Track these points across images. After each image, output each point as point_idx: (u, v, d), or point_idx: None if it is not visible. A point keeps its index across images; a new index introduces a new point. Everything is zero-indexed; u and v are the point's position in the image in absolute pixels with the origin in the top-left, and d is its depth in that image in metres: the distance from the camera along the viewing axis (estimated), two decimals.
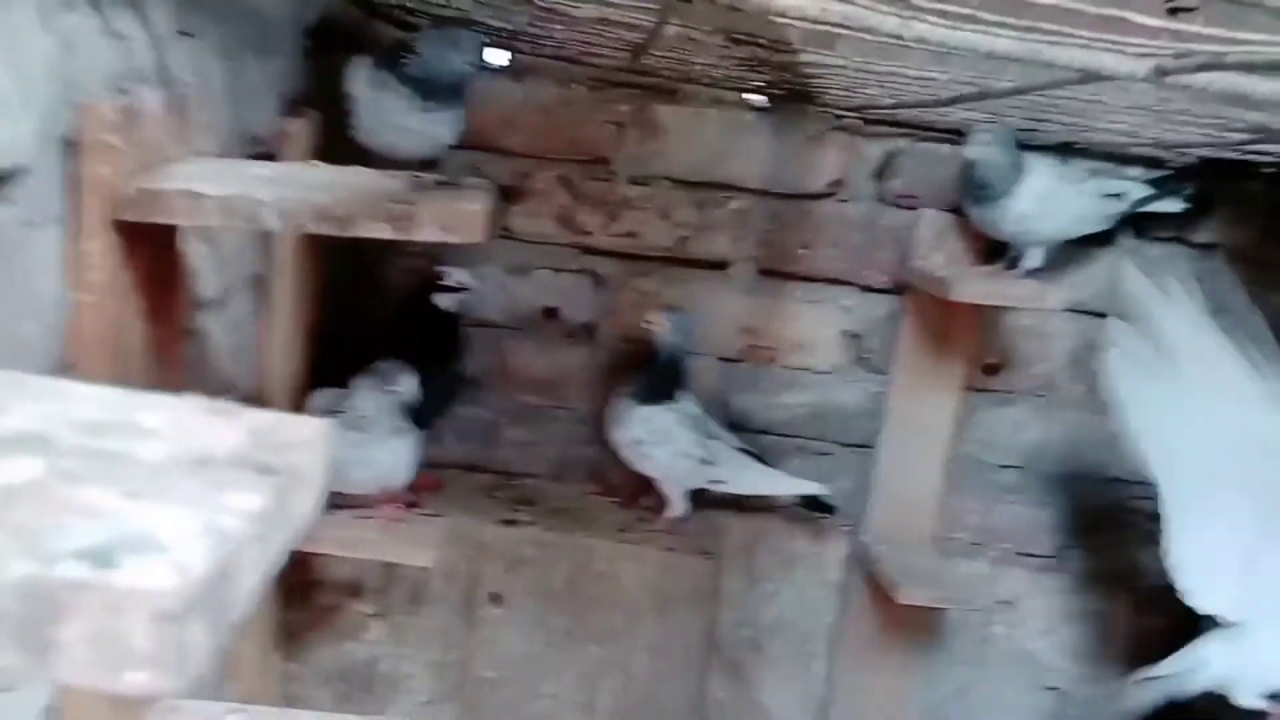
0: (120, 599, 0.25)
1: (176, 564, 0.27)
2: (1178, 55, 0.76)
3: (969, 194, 1.51)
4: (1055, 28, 0.75)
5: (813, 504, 1.63)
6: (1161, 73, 0.76)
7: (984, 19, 0.76)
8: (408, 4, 1.38)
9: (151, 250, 0.80)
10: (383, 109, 1.18)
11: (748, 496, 1.63)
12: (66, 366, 0.73)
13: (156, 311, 0.82)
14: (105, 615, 0.25)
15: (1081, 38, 0.78)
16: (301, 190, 0.80)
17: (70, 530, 0.27)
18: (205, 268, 1.01)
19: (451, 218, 0.80)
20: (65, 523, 0.28)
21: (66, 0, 0.72)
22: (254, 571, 0.32)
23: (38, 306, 0.70)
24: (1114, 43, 0.78)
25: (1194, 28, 0.77)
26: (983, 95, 1.25)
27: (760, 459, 1.60)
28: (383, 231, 0.79)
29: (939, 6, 0.75)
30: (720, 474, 1.57)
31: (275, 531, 0.34)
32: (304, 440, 0.40)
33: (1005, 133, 1.45)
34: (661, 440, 1.53)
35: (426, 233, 0.80)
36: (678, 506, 1.57)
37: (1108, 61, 0.78)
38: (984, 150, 1.43)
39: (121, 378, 0.63)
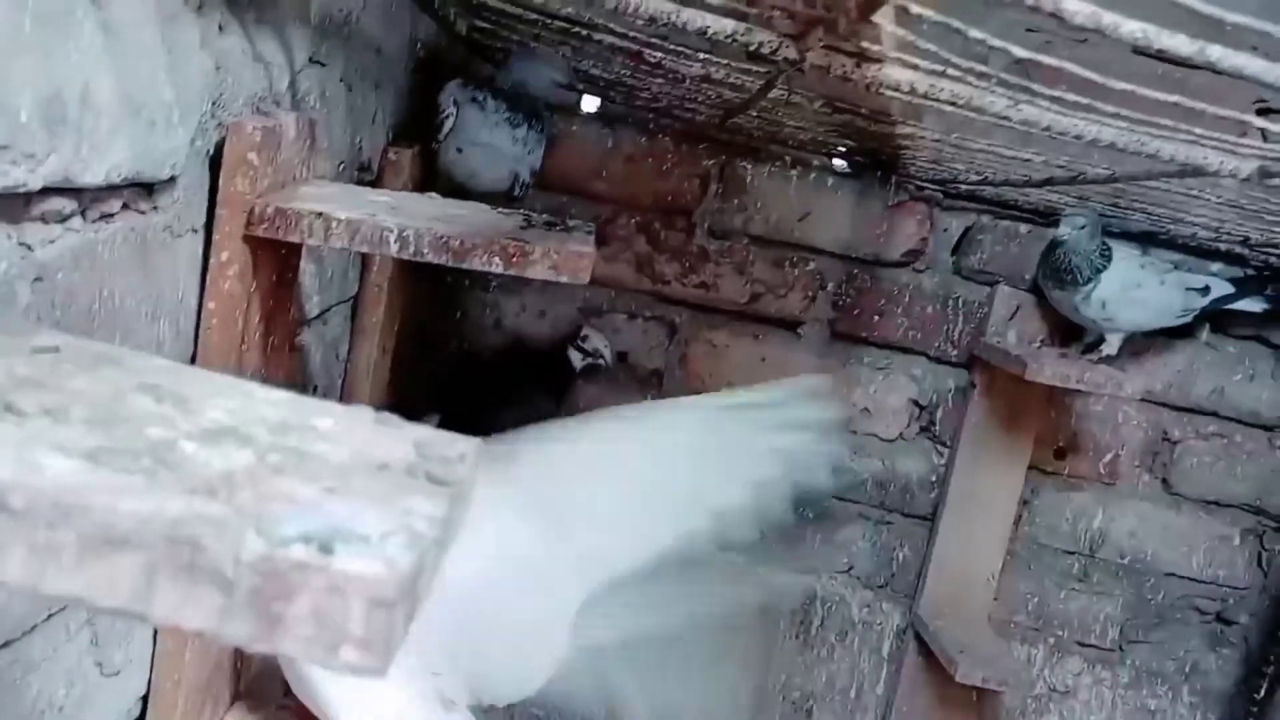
0: (343, 582, 0.27)
1: (384, 556, 0.29)
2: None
3: (1052, 276, 1.51)
4: (1172, 124, 0.76)
5: None
6: (1266, 174, 0.77)
7: (1100, 109, 0.77)
8: (510, 42, 1.43)
9: (274, 266, 0.84)
10: (470, 125, 1.21)
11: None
12: None
13: (272, 324, 0.85)
14: (328, 596, 0.27)
15: (1191, 134, 0.78)
16: (421, 220, 0.83)
17: (288, 517, 0.29)
18: (311, 287, 1.05)
19: (562, 258, 0.83)
20: (281, 510, 0.30)
21: (224, 22, 0.77)
22: (433, 571, 0.34)
23: (173, 310, 0.74)
24: (1221, 141, 0.79)
25: None
26: (1075, 179, 1.26)
27: None
28: (496, 266, 0.82)
29: (1055, 93, 0.76)
30: None
31: (449, 537, 0.36)
32: (462, 454, 0.42)
33: (1094, 218, 1.46)
34: None
35: (538, 270, 0.82)
36: None
37: (1212, 158, 0.78)
38: (1073, 234, 1.44)
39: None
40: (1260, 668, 1.61)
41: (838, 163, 1.66)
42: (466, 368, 1.52)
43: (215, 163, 0.77)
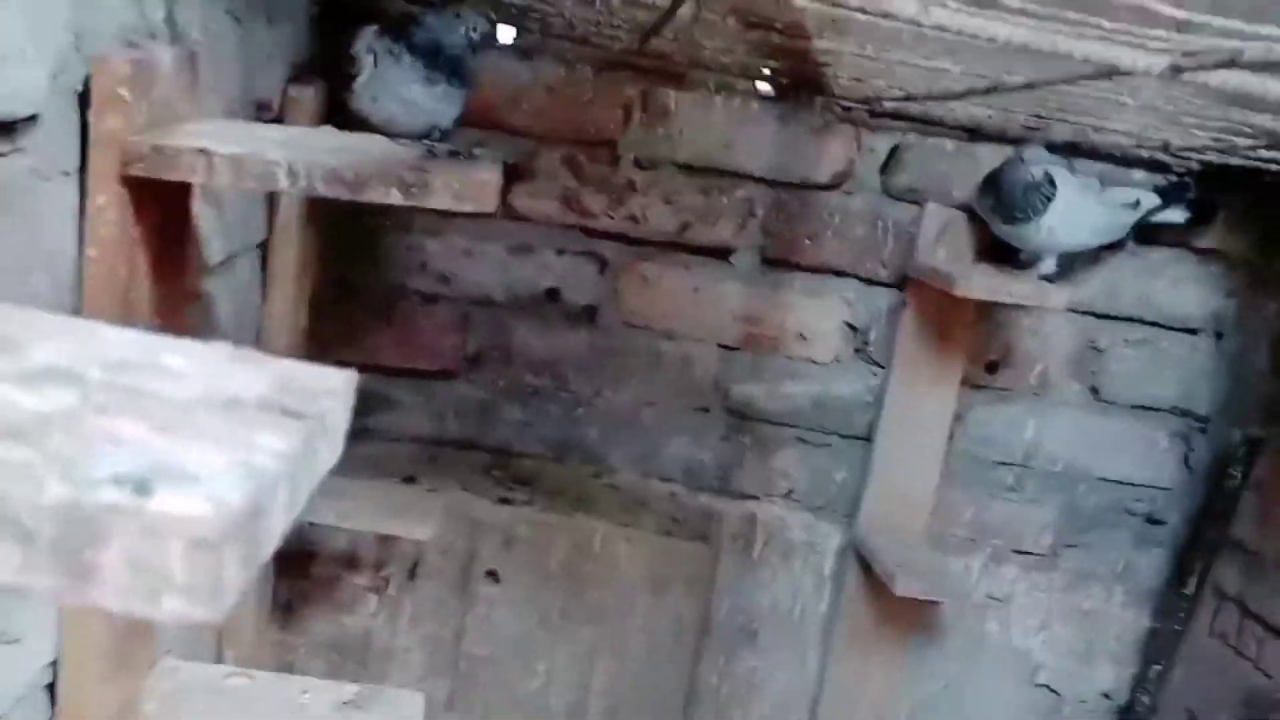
0: (158, 524, 0.25)
1: (211, 495, 0.27)
2: (1192, 52, 0.75)
3: (1000, 211, 1.50)
4: (1079, 17, 0.75)
5: None
6: (1177, 70, 0.76)
7: (1006, 4, 0.75)
8: None
9: (161, 210, 0.80)
10: (388, 78, 1.17)
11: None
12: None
13: (164, 272, 0.81)
14: (143, 541, 0.25)
15: (1101, 29, 0.77)
16: (313, 153, 0.79)
17: (105, 458, 0.27)
18: (211, 232, 1.00)
19: (464, 187, 0.80)
20: (100, 451, 0.27)
21: None
22: (282, 511, 0.31)
23: (48, 259, 0.70)
24: (1133, 36, 0.78)
25: (1215, 20, 0.76)
26: (995, 89, 1.25)
27: None
28: (394, 198, 0.78)
29: None
30: None
31: (303, 474, 0.34)
32: (328, 389, 0.39)
33: (1042, 153, 1.46)
34: None
35: (438, 200, 0.79)
36: None
37: (1124, 56, 0.77)
38: (1025, 170, 1.44)
39: None
40: (1189, 565, 1.66)
41: (762, 86, 1.63)
42: None
43: (85, 100, 0.72)
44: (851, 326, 1.68)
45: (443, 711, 1.57)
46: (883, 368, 1.68)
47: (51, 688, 0.78)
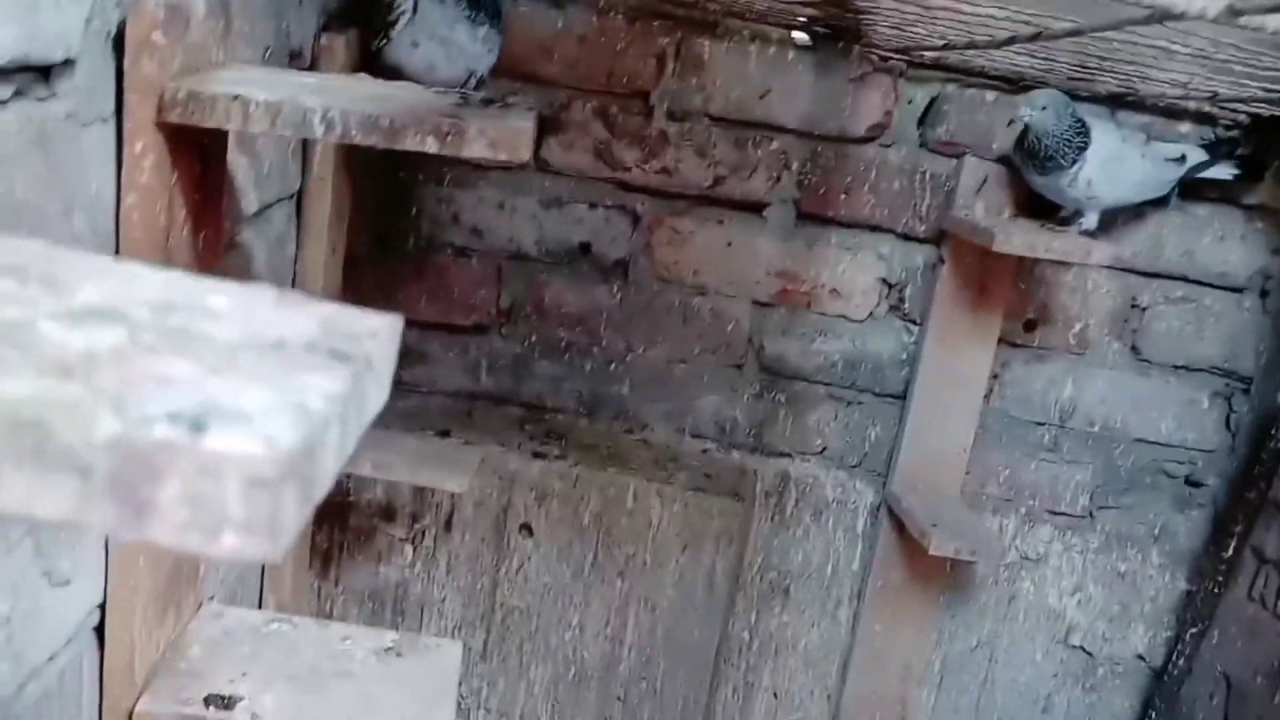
0: (215, 462, 0.25)
1: (265, 434, 0.26)
2: None
3: (1032, 162, 1.47)
4: None
5: None
6: (1234, 11, 0.73)
7: None
8: None
9: (198, 157, 0.79)
10: (430, 20, 1.15)
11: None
12: None
13: (201, 220, 0.81)
14: (200, 478, 0.25)
15: None
16: (349, 100, 0.78)
17: (158, 396, 0.27)
18: (246, 181, 1.00)
19: (500, 135, 0.78)
20: (151, 389, 0.27)
21: None
22: (334, 452, 0.31)
23: (87, 205, 0.70)
24: None
25: None
26: (1039, 35, 1.21)
27: None
28: (430, 145, 0.77)
29: None
30: None
31: (352, 415, 0.33)
32: (373, 331, 0.39)
33: (1059, 97, 1.42)
34: None
35: (474, 148, 0.78)
36: None
37: None
38: (1036, 115, 1.40)
39: None
40: (1228, 527, 1.64)
41: (798, 35, 1.60)
42: None
43: (120, 46, 0.72)
44: (887, 283, 1.66)
45: (478, 660, 1.59)
46: (918, 325, 1.66)
47: (100, 629, 0.79)
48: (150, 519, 0.24)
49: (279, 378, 0.31)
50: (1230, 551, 1.63)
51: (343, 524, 1.56)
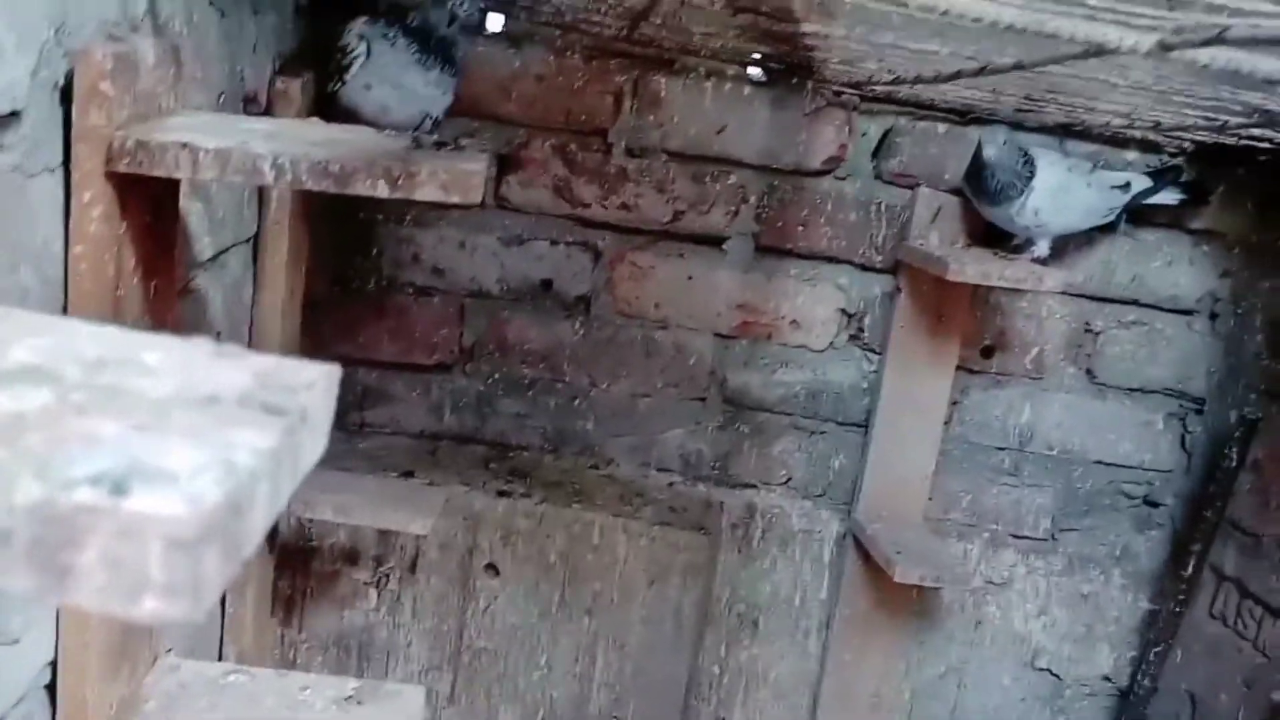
0: (135, 524, 0.25)
1: (189, 494, 0.27)
2: (1180, 29, 0.75)
3: (983, 194, 1.51)
4: None
5: None
6: (1165, 47, 0.75)
7: None
8: None
9: (148, 205, 0.79)
10: (382, 64, 1.16)
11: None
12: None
13: (153, 268, 0.81)
14: (120, 541, 0.25)
15: (1087, 6, 0.77)
16: (300, 146, 0.78)
17: (82, 457, 0.27)
18: (200, 227, 1.00)
19: (451, 178, 0.79)
20: (76, 450, 0.27)
21: None
22: (263, 509, 0.31)
23: (35, 257, 0.69)
24: (1120, 14, 0.77)
25: None
26: (984, 70, 1.24)
27: None
28: (381, 190, 0.78)
29: None
30: None
31: (284, 470, 0.33)
32: (309, 383, 0.39)
33: (1012, 135, 1.47)
34: None
35: (426, 192, 0.79)
36: None
37: (1111, 34, 0.77)
38: (999, 152, 1.44)
39: None
40: (1187, 546, 1.66)
41: (753, 71, 1.62)
42: None
43: (68, 96, 0.72)
44: (846, 313, 1.68)
45: (445, 704, 1.57)
46: (878, 354, 1.67)
47: (51, 687, 0.78)
48: (70, 584, 0.24)
49: (209, 434, 0.31)
50: (1190, 570, 1.65)
51: (305, 569, 1.54)
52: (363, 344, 1.63)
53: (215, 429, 0.32)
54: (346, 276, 1.62)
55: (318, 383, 0.39)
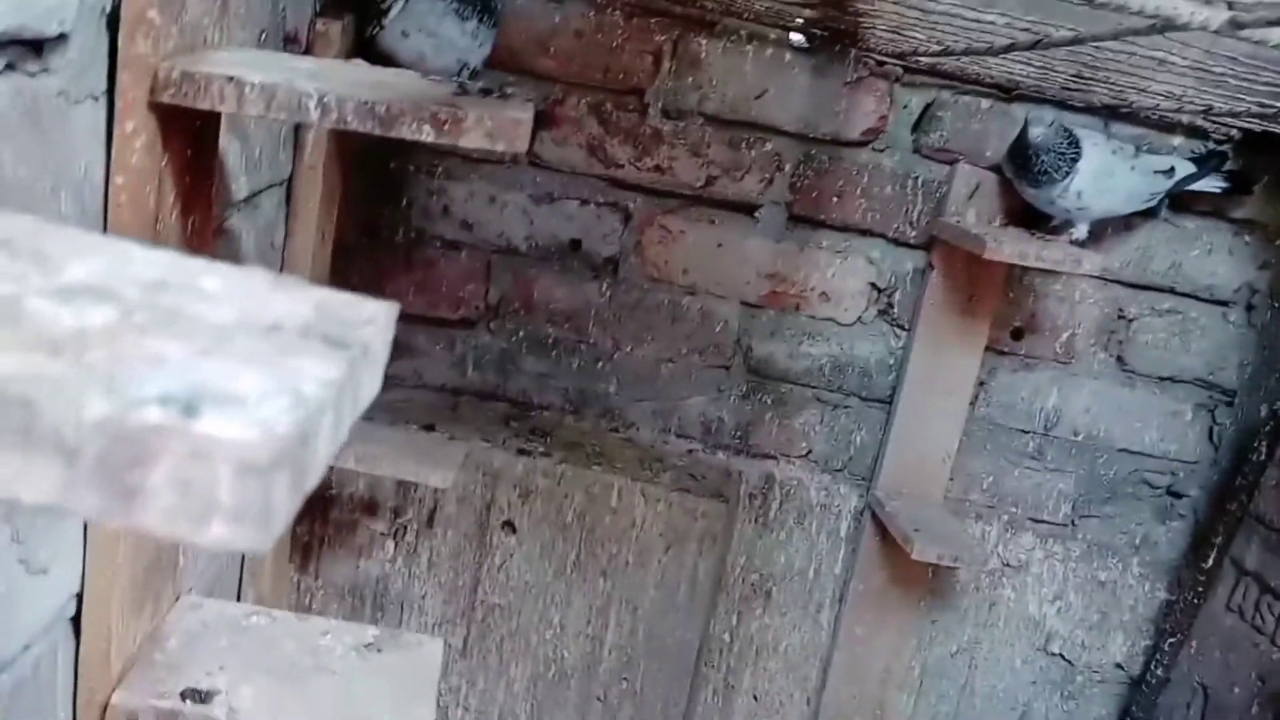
0: (206, 446, 0.24)
1: (260, 420, 0.26)
2: (1256, 5, 0.72)
3: (1025, 175, 1.49)
4: None
5: None
6: (1237, 25, 0.73)
7: None
8: None
9: (189, 140, 0.78)
10: (419, 12, 1.15)
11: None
12: None
13: (191, 203, 0.80)
14: (191, 463, 0.24)
15: None
16: (345, 86, 0.77)
17: (149, 376, 0.26)
18: (236, 166, 0.99)
19: (498, 125, 0.77)
20: (143, 370, 0.26)
21: None
22: (328, 440, 0.30)
23: (75, 185, 0.68)
24: None
25: None
26: (1039, 43, 1.21)
27: None
28: (426, 134, 0.76)
29: None
30: None
31: (346, 404, 0.32)
32: (369, 318, 0.38)
33: (1059, 116, 1.45)
34: None
35: (471, 138, 0.77)
36: None
37: (1183, 7, 0.74)
38: (1044, 132, 1.42)
39: None
40: (1209, 539, 1.64)
41: (795, 37, 1.59)
42: None
43: (114, 23, 0.70)
44: (876, 287, 1.66)
45: (457, 658, 1.58)
46: (906, 330, 1.66)
47: (76, 620, 0.78)
48: (137, 505, 0.23)
49: (273, 362, 0.30)
50: (1210, 563, 1.64)
51: (324, 517, 1.55)
52: (389, 295, 1.60)
53: (279, 358, 0.31)
54: (376, 226, 1.61)
55: (378, 318, 0.38)
